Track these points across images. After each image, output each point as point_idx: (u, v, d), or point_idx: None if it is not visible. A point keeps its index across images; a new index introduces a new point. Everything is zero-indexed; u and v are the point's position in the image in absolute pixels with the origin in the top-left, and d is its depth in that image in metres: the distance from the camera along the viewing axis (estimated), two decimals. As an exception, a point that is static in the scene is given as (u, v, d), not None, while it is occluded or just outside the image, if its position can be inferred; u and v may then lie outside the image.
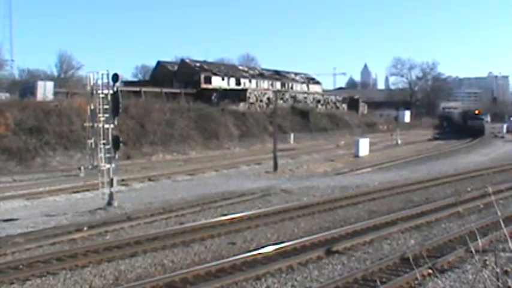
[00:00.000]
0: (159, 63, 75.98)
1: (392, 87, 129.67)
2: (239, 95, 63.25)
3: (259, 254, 12.34)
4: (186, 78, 66.88)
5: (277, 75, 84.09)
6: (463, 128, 71.99)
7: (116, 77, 19.93)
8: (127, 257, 12.55)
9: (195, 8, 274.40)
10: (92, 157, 20.95)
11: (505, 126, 75.58)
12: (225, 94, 62.98)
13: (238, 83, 72.64)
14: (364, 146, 44.70)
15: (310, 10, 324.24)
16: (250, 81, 75.68)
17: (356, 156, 42.97)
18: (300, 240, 13.64)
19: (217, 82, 69.56)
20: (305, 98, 73.91)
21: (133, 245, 13.52)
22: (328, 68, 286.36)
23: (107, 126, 19.92)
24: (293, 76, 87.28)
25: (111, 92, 19.91)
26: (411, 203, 19.44)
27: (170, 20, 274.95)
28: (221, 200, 20.34)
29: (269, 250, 12.61)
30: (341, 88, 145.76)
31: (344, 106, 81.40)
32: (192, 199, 20.91)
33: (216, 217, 17.02)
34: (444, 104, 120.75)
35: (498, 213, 7.83)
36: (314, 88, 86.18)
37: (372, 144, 47.98)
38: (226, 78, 71.91)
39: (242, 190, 23.04)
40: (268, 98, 64.50)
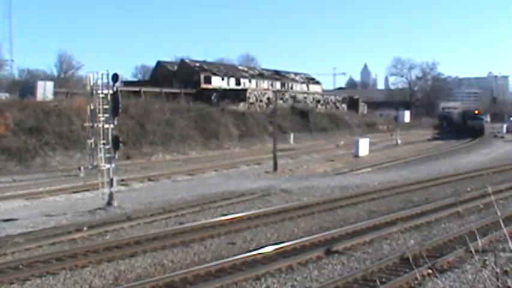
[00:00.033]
0: (159, 63, 75.98)
1: (392, 87, 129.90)
2: (239, 95, 63.25)
3: (259, 254, 12.34)
4: (186, 78, 66.88)
5: (277, 75, 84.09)
6: (463, 128, 71.99)
7: (116, 77, 19.94)
8: (127, 257, 12.55)
9: (195, 8, 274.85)
10: (92, 157, 20.96)
11: (505, 126, 75.58)
12: (225, 94, 62.98)
13: (238, 83, 72.65)
14: (364, 146, 44.70)
15: (310, 10, 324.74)
16: (250, 81, 75.68)
17: (356, 156, 42.97)
18: (300, 240, 13.64)
19: (217, 82, 69.57)
20: (305, 98, 73.91)
21: (133, 245, 13.52)
22: (328, 68, 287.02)
23: (107, 126, 19.93)
24: (293, 76, 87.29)
25: (111, 92, 19.92)
26: (411, 203, 19.44)
27: (170, 20, 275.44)
28: (221, 200, 20.34)
29: (269, 250, 12.61)
30: (341, 88, 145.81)
31: (344, 106, 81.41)
32: (192, 199, 20.91)
33: (216, 217, 17.02)
34: (444, 104, 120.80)
35: (498, 213, 7.83)
36: (314, 88, 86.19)
37: (372, 144, 47.98)
38: (226, 78, 71.91)
39: (242, 190, 23.04)
40: (268, 98, 64.50)
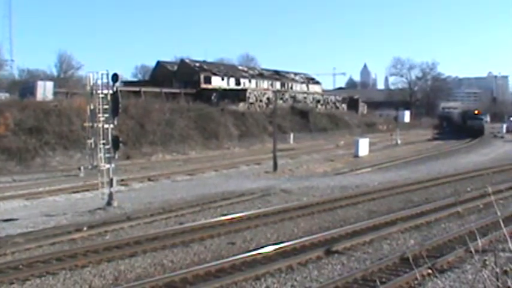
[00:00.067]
0: (159, 63, 75.97)
1: (392, 87, 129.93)
2: (239, 95, 63.25)
3: (258, 254, 12.34)
4: (186, 78, 66.88)
5: (276, 75, 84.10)
6: (463, 128, 71.99)
7: (116, 77, 19.94)
8: (127, 257, 12.55)
9: (195, 8, 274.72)
10: (92, 157, 20.97)
11: (505, 126, 75.58)
12: (225, 94, 62.97)
13: (237, 83, 72.64)
14: (363, 146, 44.70)
15: (310, 10, 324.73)
16: (249, 81, 75.67)
17: (356, 156, 42.97)
18: (300, 240, 13.64)
19: (216, 82, 69.57)
20: (305, 98, 73.91)
21: (132, 245, 13.52)
22: (327, 68, 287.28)
23: (107, 126, 19.93)
24: (293, 76, 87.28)
25: (110, 92, 19.93)
26: (411, 203, 19.45)
27: (170, 20, 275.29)
28: (221, 200, 20.35)
29: (269, 250, 12.62)
30: (341, 88, 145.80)
31: (344, 106, 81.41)
32: (192, 199, 20.91)
33: (216, 217, 17.02)
34: (444, 104, 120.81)
35: (498, 213, 7.83)
36: (314, 88, 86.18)
37: (372, 144, 47.97)
38: (225, 78, 71.91)
39: (242, 190, 23.04)
40: (267, 98, 64.50)
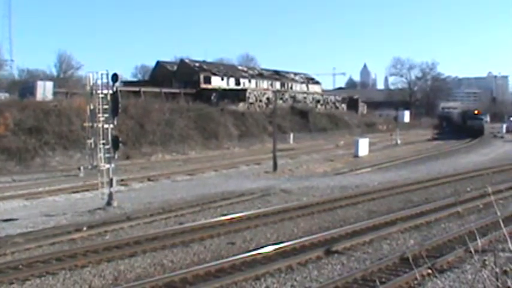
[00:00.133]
0: (159, 63, 75.96)
1: (391, 87, 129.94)
2: (238, 95, 63.26)
3: (258, 254, 12.34)
4: (186, 78, 66.87)
5: (276, 75, 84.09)
6: (463, 128, 71.98)
7: (116, 77, 19.94)
8: (126, 257, 12.55)
9: (195, 8, 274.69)
10: (92, 157, 20.97)
11: (505, 126, 75.57)
12: (225, 94, 62.98)
13: (237, 83, 72.64)
14: (363, 146, 44.70)
15: (309, 10, 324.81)
16: (249, 81, 75.66)
17: (355, 156, 42.97)
18: (300, 240, 13.64)
19: (216, 82, 69.56)
20: (304, 98, 73.92)
21: (132, 245, 13.52)
22: (327, 68, 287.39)
23: (107, 126, 19.93)
24: (292, 76, 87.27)
25: (110, 92, 19.93)
26: (411, 203, 19.44)
27: (170, 20, 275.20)
28: (220, 200, 20.34)
29: (268, 250, 12.62)
30: (340, 88, 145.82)
31: (343, 106, 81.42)
32: (192, 199, 20.91)
33: (216, 217, 17.02)
34: (443, 104, 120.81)
35: (498, 213, 7.84)
36: (313, 88, 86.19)
37: (372, 144, 47.97)
38: (225, 78, 71.90)
39: (241, 190, 23.04)
40: (267, 98, 64.50)
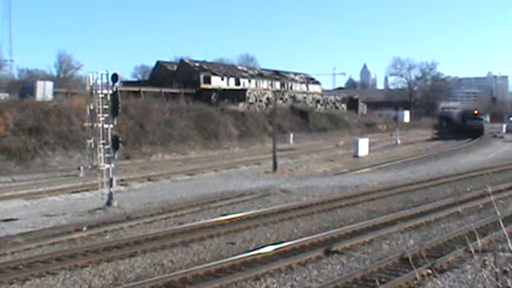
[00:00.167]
0: (159, 63, 75.93)
1: (391, 87, 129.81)
2: (238, 95, 63.25)
3: (258, 254, 12.34)
4: (186, 78, 66.85)
5: (276, 75, 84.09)
6: (462, 128, 71.93)
7: (115, 77, 19.94)
8: (126, 257, 12.55)
9: (195, 8, 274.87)
10: (92, 157, 20.97)
11: (504, 126, 75.54)
12: (225, 94, 62.99)
13: (237, 83, 72.63)
14: (363, 146, 44.68)
15: (309, 10, 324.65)
16: (249, 81, 75.64)
17: (355, 156, 42.95)
18: (299, 240, 13.64)
19: (216, 82, 69.54)
20: (304, 98, 73.92)
21: (132, 245, 13.53)
22: (327, 68, 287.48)
23: (106, 126, 19.94)
24: (292, 76, 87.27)
25: (110, 92, 19.93)
26: (410, 203, 19.45)
27: (169, 20, 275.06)
28: (220, 200, 20.35)
29: (268, 250, 12.62)
30: (340, 88, 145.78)
31: (343, 106, 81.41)
32: (192, 199, 20.91)
33: (216, 217, 17.03)
34: (443, 104, 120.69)
35: (497, 213, 7.82)
36: (313, 88, 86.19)
37: (371, 144, 47.95)
38: (225, 78, 71.89)
39: (241, 190, 23.05)
40: (267, 98, 64.51)
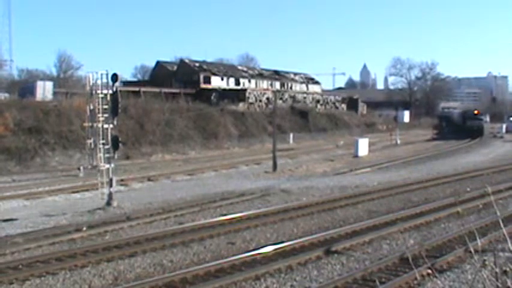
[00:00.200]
0: (158, 63, 75.88)
1: (391, 87, 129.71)
2: (238, 95, 63.21)
3: (258, 254, 12.35)
4: (186, 78, 66.82)
5: (276, 75, 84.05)
6: (462, 128, 71.83)
7: (115, 77, 19.94)
8: (126, 257, 12.56)
9: (195, 8, 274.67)
10: (91, 157, 20.98)
11: (504, 126, 75.52)
12: (224, 94, 62.94)
13: (237, 83, 72.58)
14: (363, 146, 44.65)
15: (309, 10, 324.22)
16: (249, 81, 75.59)
17: (355, 156, 42.92)
18: (299, 240, 13.65)
19: (216, 82, 69.50)
20: (304, 98, 73.89)
21: (132, 245, 13.53)
22: (327, 68, 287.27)
23: (106, 126, 19.94)
24: (292, 76, 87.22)
25: (110, 92, 19.92)
26: (410, 203, 19.45)
27: (169, 20, 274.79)
28: (220, 200, 20.36)
29: (268, 250, 12.62)
30: (340, 88, 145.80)
31: (343, 106, 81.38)
32: (191, 199, 20.92)
33: (215, 217, 17.03)
34: (443, 104, 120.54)
35: (497, 213, 7.85)
36: (313, 88, 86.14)
37: (371, 144, 47.93)
38: (225, 78, 71.84)
39: (241, 190, 23.05)
40: (267, 98, 64.48)
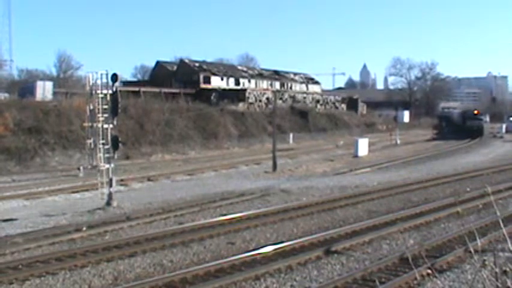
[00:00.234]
0: (158, 63, 75.87)
1: (391, 87, 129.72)
2: (238, 95, 63.21)
3: (258, 254, 12.35)
4: (185, 78, 66.83)
5: (276, 75, 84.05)
6: (462, 128, 71.82)
7: (115, 77, 19.94)
8: (126, 257, 12.56)
9: (195, 8, 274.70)
10: (91, 157, 20.98)
11: (504, 126, 75.52)
12: (224, 94, 62.94)
13: (237, 83, 72.58)
14: (363, 146, 44.64)
15: (309, 10, 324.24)
16: (249, 81, 75.59)
17: (355, 156, 42.92)
18: (299, 240, 13.65)
19: (216, 82, 69.50)
20: (304, 98, 73.89)
21: (132, 245, 13.53)
22: (327, 68, 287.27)
23: (106, 126, 19.93)
24: (292, 76, 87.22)
25: (110, 92, 19.92)
26: (410, 203, 19.45)
27: (169, 20, 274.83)
28: (220, 200, 20.36)
29: (268, 250, 12.62)
30: (340, 88, 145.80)
31: (343, 106, 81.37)
32: (191, 199, 20.92)
33: (215, 217, 17.03)
34: (443, 104, 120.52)
35: (497, 213, 7.84)
36: (313, 88, 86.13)
37: (371, 144, 47.93)
38: (225, 78, 71.84)
39: (241, 190, 23.05)
40: (267, 98, 64.48)
